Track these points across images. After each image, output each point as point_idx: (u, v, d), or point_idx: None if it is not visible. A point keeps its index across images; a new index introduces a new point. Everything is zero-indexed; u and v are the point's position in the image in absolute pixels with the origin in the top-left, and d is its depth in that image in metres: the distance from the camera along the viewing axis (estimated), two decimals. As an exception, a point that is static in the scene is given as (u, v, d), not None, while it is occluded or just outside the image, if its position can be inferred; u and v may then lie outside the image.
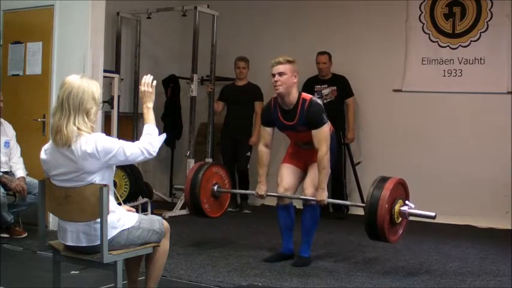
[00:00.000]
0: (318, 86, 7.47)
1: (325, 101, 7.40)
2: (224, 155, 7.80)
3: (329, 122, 4.89)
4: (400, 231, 4.73)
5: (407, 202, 4.66)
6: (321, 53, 7.45)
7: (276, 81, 4.84)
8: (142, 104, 3.49)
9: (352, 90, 7.49)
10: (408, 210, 4.60)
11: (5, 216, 5.53)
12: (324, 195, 4.85)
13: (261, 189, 5.12)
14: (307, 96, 4.92)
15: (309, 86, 7.51)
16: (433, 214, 4.59)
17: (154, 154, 3.36)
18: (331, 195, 7.47)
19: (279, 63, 4.87)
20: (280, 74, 4.83)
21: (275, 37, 8.28)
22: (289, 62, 4.87)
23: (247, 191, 5.32)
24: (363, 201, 7.33)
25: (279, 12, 8.29)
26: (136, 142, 3.31)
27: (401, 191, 4.70)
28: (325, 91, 7.43)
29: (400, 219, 4.62)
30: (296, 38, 8.14)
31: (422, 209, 7.10)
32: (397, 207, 4.56)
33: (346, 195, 7.48)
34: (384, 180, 4.59)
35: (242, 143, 7.63)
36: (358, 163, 7.45)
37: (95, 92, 3.24)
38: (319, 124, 4.81)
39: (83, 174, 3.16)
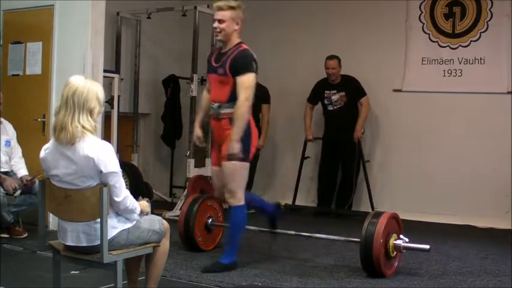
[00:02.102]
0: (327, 92, 7.42)
1: (335, 107, 7.37)
2: None
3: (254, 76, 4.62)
4: (396, 265, 4.76)
5: (401, 236, 4.70)
6: (330, 58, 7.35)
7: (215, 28, 4.65)
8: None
9: (364, 90, 7.41)
10: (403, 244, 4.65)
11: (5, 216, 5.54)
12: (236, 148, 4.49)
13: (197, 131, 4.97)
14: (246, 46, 4.71)
15: (318, 90, 7.48)
16: (427, 247, 4.63)
17: (130, 212, 3.33)
18: (338, 190, 7.51)
19: (220, 9, 4.60)
20: (220, 21, 4.61)
21: (274, 37, 8.27)
22: (230, 8, 4.61)
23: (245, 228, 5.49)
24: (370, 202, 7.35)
25: (278, 12, 8.28)
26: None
27: (395, 225, 4.74)
28: (334, 97, 7.38)
29: (395, 253, 4.67)
30: (296, 38, 8.14)
31: (422, 209, 7.19)
32: (391, 241, 4.60)
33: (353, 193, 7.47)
34: (377, 215, 4.65)
35: None
36: (367, 161, 7.42)
37: (98, 92, 3.26)
38: (243, 70, 4.54)
39: (81, 178, 3.16)
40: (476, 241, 6.13)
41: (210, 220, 5.39)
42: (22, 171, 5.73)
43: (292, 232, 5.12)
